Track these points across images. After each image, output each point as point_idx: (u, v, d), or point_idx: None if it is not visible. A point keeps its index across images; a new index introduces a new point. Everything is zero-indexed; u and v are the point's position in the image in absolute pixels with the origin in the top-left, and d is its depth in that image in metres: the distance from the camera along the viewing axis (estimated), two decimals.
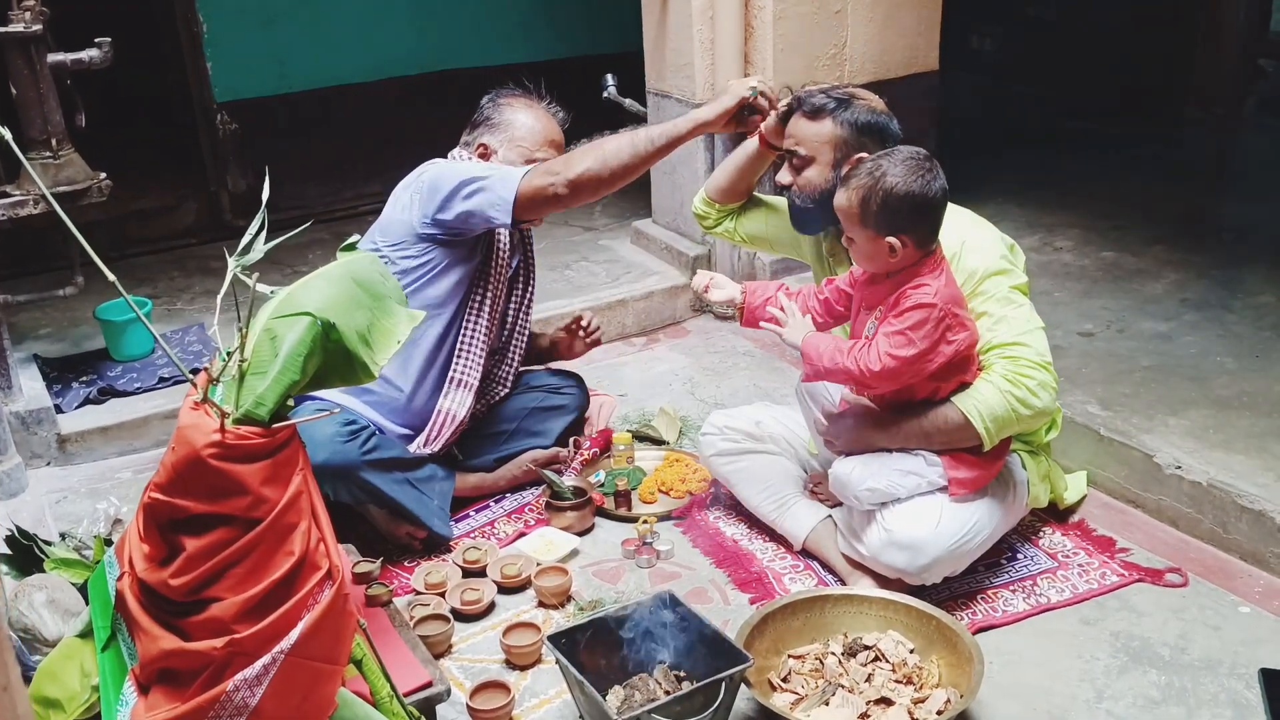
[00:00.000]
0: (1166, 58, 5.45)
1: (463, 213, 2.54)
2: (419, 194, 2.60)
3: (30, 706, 0.71)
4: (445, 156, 2.75)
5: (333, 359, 1.66)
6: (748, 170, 2.66)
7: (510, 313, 2.87)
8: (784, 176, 2.49)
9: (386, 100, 5.77)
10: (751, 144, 2.61)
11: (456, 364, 2.71)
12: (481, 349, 2.72)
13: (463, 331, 2.71)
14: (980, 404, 2.23)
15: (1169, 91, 5.48)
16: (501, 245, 2.72)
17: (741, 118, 2.56)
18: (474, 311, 2.71)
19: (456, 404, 2.71)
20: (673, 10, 3.75)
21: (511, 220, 2.52)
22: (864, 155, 2.36)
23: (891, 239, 2.14)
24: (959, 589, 2.38)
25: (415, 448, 2.68)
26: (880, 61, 3.80)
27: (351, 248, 1.97)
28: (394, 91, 5.86)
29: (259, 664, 1.55)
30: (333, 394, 2.59)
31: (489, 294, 2.72)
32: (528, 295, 2.90)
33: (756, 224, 2.75)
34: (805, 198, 2.44)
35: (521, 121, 2.73)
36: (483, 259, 2.71)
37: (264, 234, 1.71)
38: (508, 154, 2.70)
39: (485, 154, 2.72)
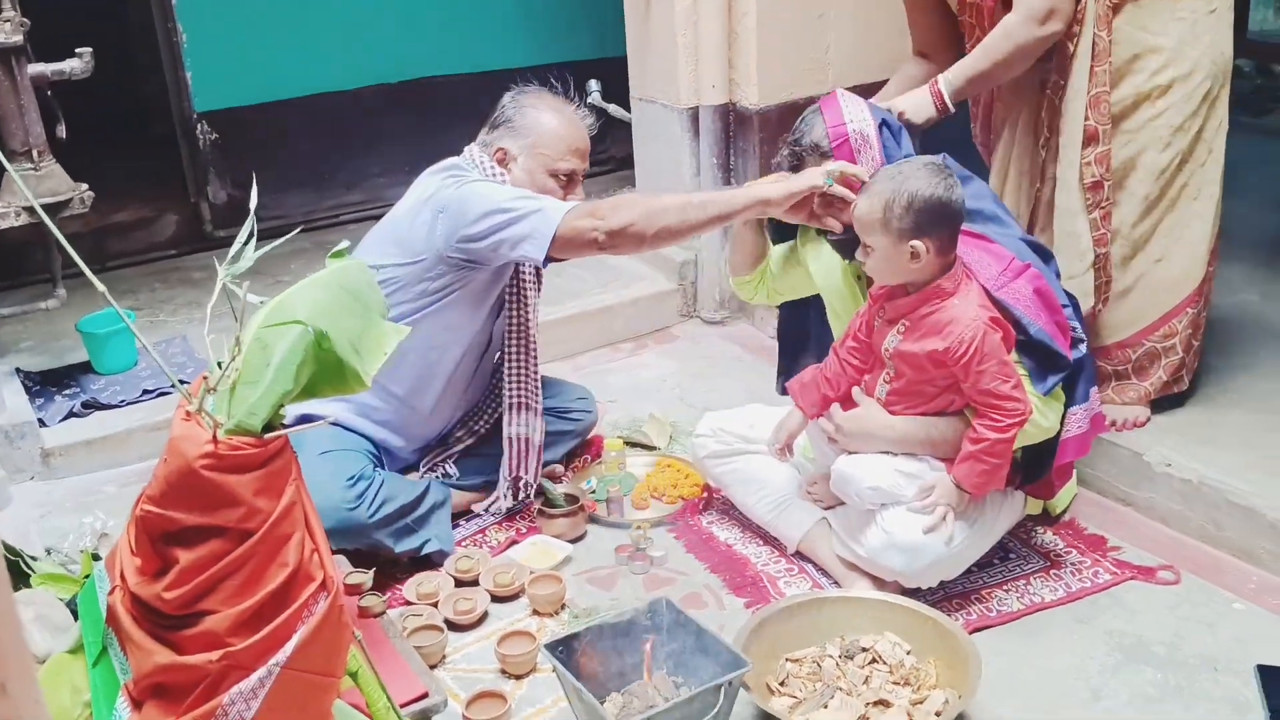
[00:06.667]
0: None
1: (494, 242, 2.39)
2: (444, 214, 2.43)
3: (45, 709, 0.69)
4: (454, 155, 2.59)
5: (325, 368, 1.64)
6: (759, 241, 2.60)
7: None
8: (830, 222, 2.40)
9: (366, 107, 5.74)
10: (751, 222, 2.49)
11: (511, 388, 2.66)
12: (535, 369, 2.67)
13: (507, 356, 2.66)
14: None
15: None
16: (526, 270, 2.62)
17: (810, 208, 2.36)
18: (513, 334, 2.65)
19: (527, 428, 2.67)
20: (656, 16, 3.75)
21: (545, 258, 2.37)
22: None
23: (915, 243, 2.14)
24: (953, 589, 2.38)
25: (421, 473, 2.67)
26: (864, 66, 3.80)
27: (340, 255, 1.96)
28: (374, 99, 5.83)
29: (254, 677, 1.53)
30: (344, 416, 2.52)
31: (525, 315, 2.65)
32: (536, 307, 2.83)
33: (788, 281, 2.67)
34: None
35: (545, 127, 2.53)
36: (511, 283, 2.62)
37: (254, 241, 1.70)
38: (528, 162, 2.53)
39: (504, 159, 2.55)
